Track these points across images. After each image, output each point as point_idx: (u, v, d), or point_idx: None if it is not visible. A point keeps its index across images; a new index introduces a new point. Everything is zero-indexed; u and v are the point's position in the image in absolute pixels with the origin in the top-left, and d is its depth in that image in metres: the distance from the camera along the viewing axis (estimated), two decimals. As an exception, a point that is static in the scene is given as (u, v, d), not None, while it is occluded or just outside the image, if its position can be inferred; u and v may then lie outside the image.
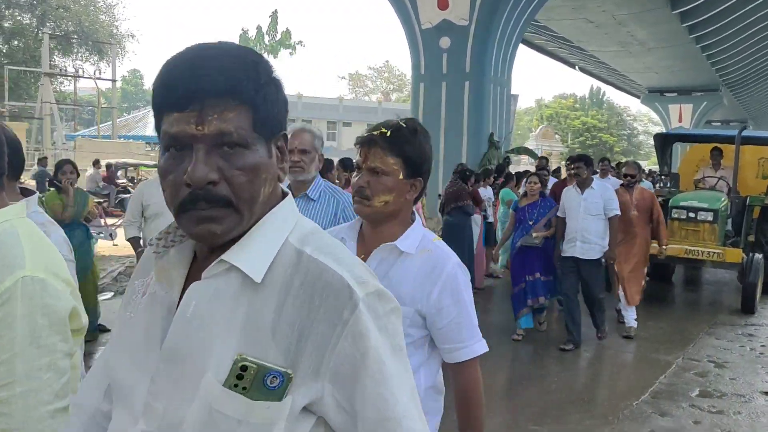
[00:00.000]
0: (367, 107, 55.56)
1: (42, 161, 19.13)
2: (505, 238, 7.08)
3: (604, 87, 55.50)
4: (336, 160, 7.82)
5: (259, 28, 32.09)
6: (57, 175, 5.83)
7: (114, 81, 29.76)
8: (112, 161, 19.36)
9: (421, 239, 1.75)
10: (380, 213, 1.73)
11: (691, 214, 8.25)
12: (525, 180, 8.25)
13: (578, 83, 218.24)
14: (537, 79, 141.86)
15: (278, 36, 32.15)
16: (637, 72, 30.23)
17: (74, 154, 22.89)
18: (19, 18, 34.02)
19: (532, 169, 11.59)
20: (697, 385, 5.33)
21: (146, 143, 31.38)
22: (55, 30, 32.87)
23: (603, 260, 6.31)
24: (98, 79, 29.88)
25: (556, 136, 51.61)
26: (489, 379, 4.49)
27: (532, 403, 4.87)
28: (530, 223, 6.52)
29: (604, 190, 6.26)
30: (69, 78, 33.53)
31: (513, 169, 14.30)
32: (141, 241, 4.63)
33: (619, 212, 6.25)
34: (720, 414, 4.76)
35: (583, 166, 6.21)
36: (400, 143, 1.74)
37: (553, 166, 19.34)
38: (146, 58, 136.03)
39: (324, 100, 52.26)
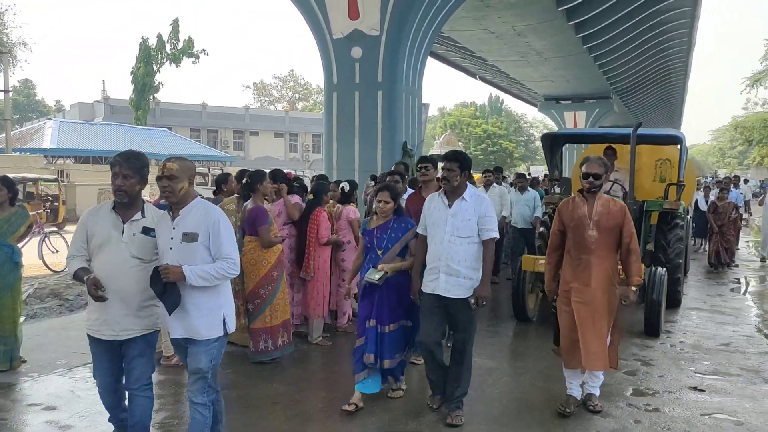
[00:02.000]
0: (274, 116, 54.85)
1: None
2: (354, 271, 5.28)
3: (503, 95, 57.51)
4: (235, 171, 7.28)
5: (159, 36, 31.15)
6: None
7: (7, 92, 27.77)
8: (9, 176, 17.99)
9: None
10: None
11: None
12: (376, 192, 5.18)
13: (478, 92, 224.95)
14: (439, 88, 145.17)
15: (180, 44, 31.30)
16: (535, 81, 31.47)
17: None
18: None
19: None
20: (630, 384, 5.51)
21: (44, 156, 29.57)
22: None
23: (473, 302, 4.49)
24: (-13, 89, 27.82)
25: (459, 143, 52.84)
26: None
27: (475, 415, 4.86)
28: (379, 252, 4.89)
29: (479, 203, 4.56)
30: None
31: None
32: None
33: (496, 234, 4.56)
34: (657, 412, 4.93)
35: (457, 169, 4.55)
36: None
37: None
38: (39, 68, 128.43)
39: (229, 109, 51.19)
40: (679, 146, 8.50)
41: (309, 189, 7.22)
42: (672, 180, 8.89)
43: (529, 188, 11.07)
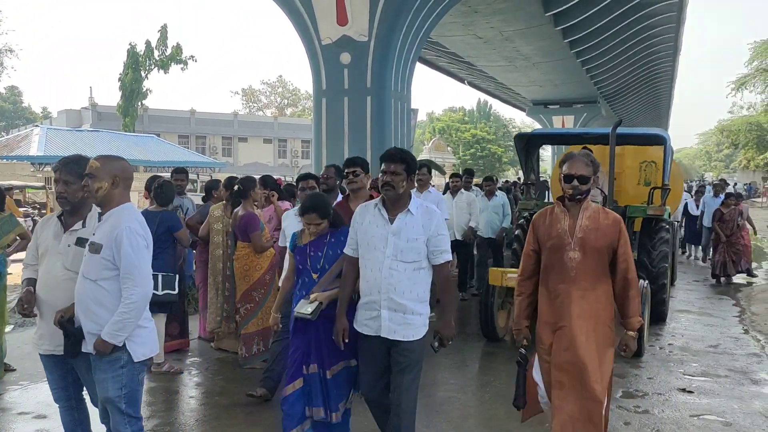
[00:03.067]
0: (263, 122, 54.80)
1: None
2: (283, 296, 4.25)
3: (491, 100, 57.77)
4: (224, 178, 7.26)
5: (147, 42, 31.12)
6: None
7: (-9, 99, 27.69)
8: (-7, 183, 17.95)
9: None
10: None
11: None
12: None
13: (467, 97, 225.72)
14: (428, 93, 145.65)
15: (168, 51, 31.28)
16: (523, 86, 31.65)
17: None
18: None
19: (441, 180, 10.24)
20: (619, 386, 5.55)
21: (32, 164, 29.35)
22: None
23: (436, 345, 3.58)
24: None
25: (448, 148, 53.02)
26: None
27: (466, 417, 4.88)
28: (314, 276, 3.83)
29: (429, 218, 3.51)
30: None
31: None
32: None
33: (450, 256, 3.60)
34: (646, 413, 4.97)
35: (403, 173, 3.49)
36: None
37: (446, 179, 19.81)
38: (26, 74, 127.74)
39: (218, 115, 51.14)
40: (663, 147, 7.92)
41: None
42: (657, 183, 8.35)
43: (497, 193, 10.03)
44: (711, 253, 12.87)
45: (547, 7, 18.85)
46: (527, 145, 8.38)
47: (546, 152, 40.27)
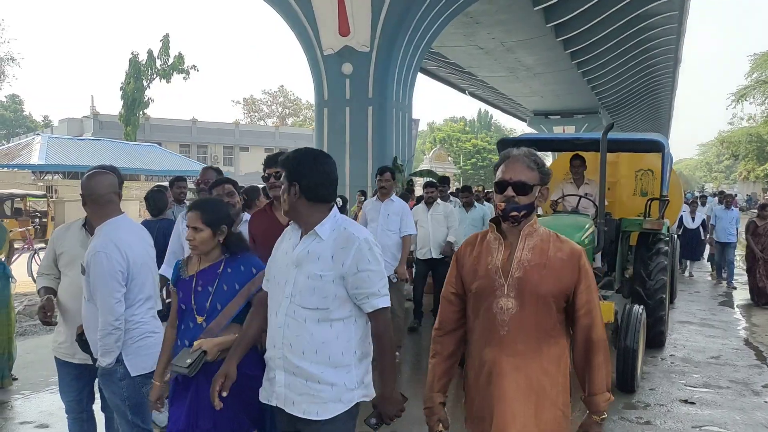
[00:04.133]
0: (264, 132, 54.93)
1: None
2: (166, 353, 2.97)
3: (492, 110, 57.92)
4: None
5: (150, 52, 31.26)
6: None
7: (-7, 107, 27.86)
8: (-10, 191, 18.01)
9: None
10: None
11: None
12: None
13: (467, 107, 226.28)
14: (429, 103, 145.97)
15: (170, 60, 31.41)
16: (524, 96, 31.76)
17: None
18: None
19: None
20: (621, 398, 5.54)
21: (32, 172, 29.43)
22: None
23: (372, 421, 2.53)
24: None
25: (449, 158, 53.07)
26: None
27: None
28: (198, 320, 2.84)
29: (347, 247, 2.44)
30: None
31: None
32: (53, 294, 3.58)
33: (385, 302, 2.48)
34: (648, 424, 4.97)
35: (285, 182, 2.52)
36: None
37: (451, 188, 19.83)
38: (26, 82, 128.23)
39: (220, 124, 51.28)
40: (661, 154, 7.09)
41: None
42: (654, 194, 7.71)
43: (476, 204, 8.93)
44: (725, 270, 12.35)
45: (549, 18, 18.96)
46: None
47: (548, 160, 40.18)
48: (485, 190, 12.30)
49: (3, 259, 5.86)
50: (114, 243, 3.07)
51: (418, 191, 14.77)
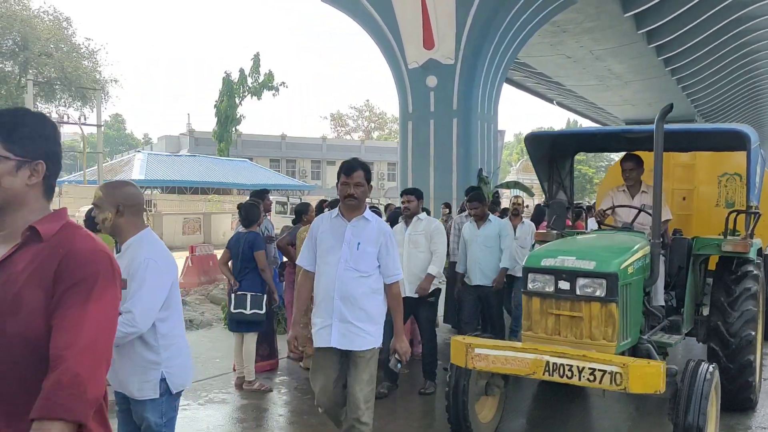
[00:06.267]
0: (350, 146, 55.94)
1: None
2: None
3: (581, 120, 56.47)
4: (312, 200, 7.61)
5: (241, 70, 32.47)
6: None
7: (100, 126, 29.62)
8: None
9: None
10: None
11: (564, 285, 4.06)
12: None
13: (556, 117, 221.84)
14: (515, 114, 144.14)
15: (261, 78, 32.53)
16: (615, 105, 30.87)
17: (60, 200, 22.58)
18: (1, 65, 33.90)
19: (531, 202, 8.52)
20: None
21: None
22: (37, 76, 32.74)
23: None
24: (83, 124, 29.73)
25: (536, 169, 52.08)
26: None
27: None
28: None
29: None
30: (50, 125, 33.16)
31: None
32: None
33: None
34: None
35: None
36: None
37: (535, 201, 19.50)
38: (128, 102, 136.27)
39: (308, 140, 52.66)
40: (746, 152, 5.01)
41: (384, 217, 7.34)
42: (743, 204, 5.67)
43: (490, 218, 6.42)
44: None
45: (640, 25, 18.38)
46: (552, 150, 5.79)
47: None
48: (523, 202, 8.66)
49: None
50: (163, 252, 3.03)
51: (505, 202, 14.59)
